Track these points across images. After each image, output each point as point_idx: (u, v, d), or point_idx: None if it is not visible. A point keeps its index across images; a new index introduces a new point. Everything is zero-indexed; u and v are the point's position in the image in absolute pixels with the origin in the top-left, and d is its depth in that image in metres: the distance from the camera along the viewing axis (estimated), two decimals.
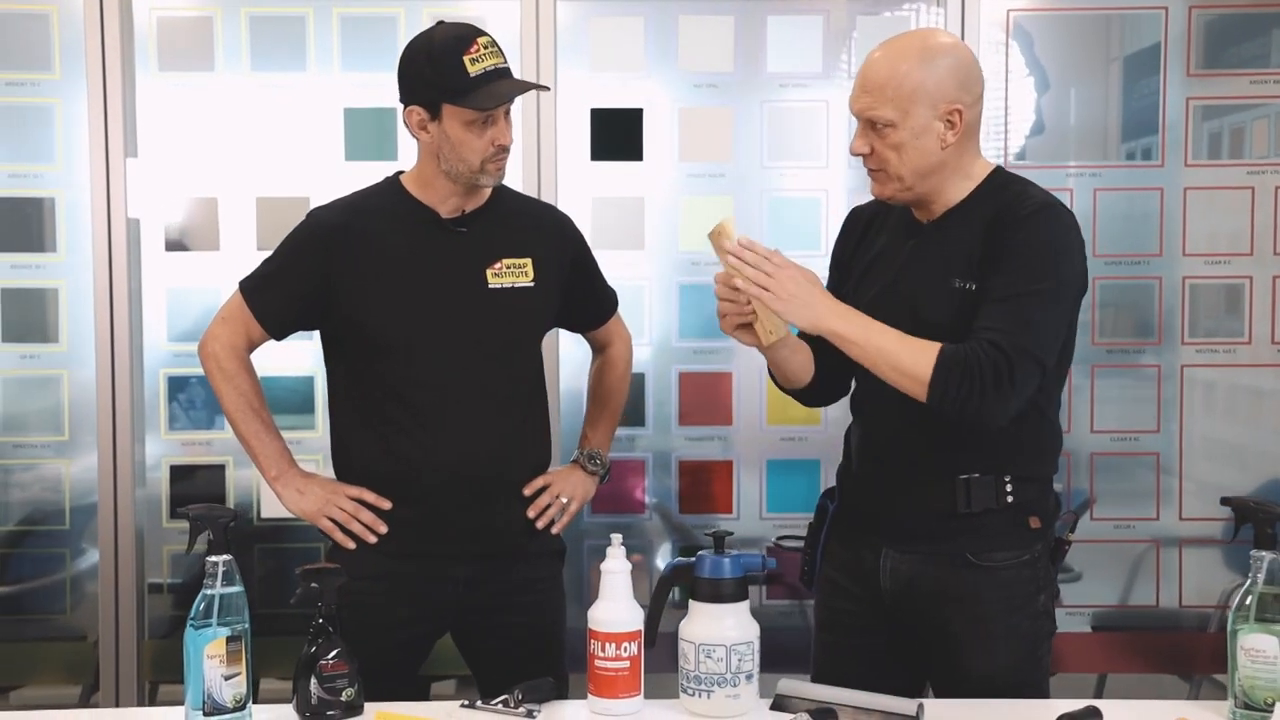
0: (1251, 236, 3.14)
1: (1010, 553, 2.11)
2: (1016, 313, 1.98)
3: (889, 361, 2.00)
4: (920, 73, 2.03)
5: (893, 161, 2.06)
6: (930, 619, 2.13)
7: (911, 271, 2.12)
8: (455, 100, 2.14)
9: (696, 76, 3.12)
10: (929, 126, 2.04)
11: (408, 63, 2.22)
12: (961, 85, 2.06)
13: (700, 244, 3.08)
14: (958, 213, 2.11)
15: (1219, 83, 3.13)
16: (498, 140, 2.18)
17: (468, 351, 2.23)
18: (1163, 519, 3.18)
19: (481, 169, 2.19)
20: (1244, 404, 3.22)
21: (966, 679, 2.11)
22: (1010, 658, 2.12)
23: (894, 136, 2.04)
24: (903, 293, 2.11)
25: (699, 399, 3.17)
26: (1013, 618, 2.12)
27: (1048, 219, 2.05)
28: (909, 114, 2.03)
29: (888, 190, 2.10)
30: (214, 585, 1.85)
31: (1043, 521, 2.14)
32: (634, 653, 1.92)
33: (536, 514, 2.29)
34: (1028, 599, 2.14)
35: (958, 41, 2.18)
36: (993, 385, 1.95)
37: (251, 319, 2.27)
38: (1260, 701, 1.87)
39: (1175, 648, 3.22)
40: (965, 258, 2.06)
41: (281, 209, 3.09)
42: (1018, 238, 2.02)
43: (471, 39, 2.16)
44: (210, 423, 3.14)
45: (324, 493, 2.25)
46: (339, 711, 1.90)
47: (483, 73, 2.14)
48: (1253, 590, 1.89)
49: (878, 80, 2.04)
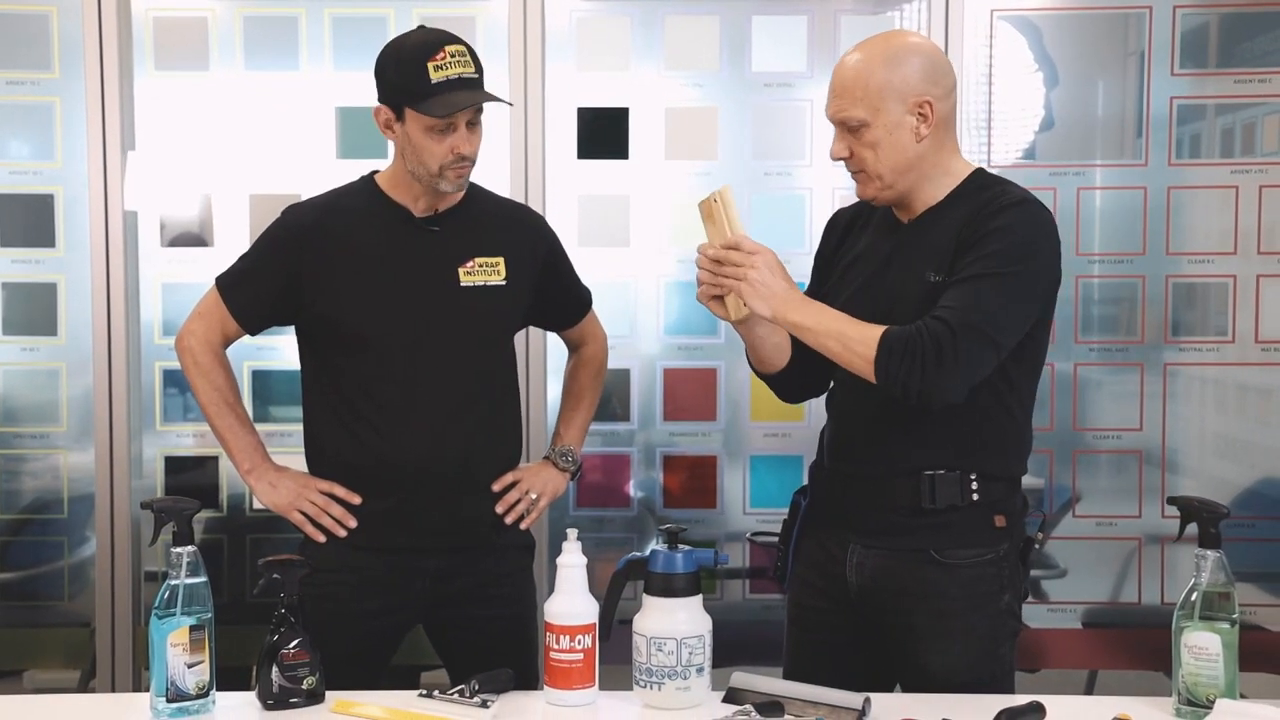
0: (1235, 235, 3.15)
1: (974, 550, 2.13)
2: (969, 293, 2.01)
3: (840, 343, 2.02)
4: (885, 71, 2.07)
5: (870, 160, 2.10)
6: (894, 615, 2.16)
7: (890, 269, 2.15)
8: (414, 105, 2.17)
9: (683, 75, 3.15)
10: (901, 121, 2.07)
11: (380, 63, 2.26)
12: (928, 78, 2.09)
13: (686, 241, 3.14)
14: (937, 211, 2.14)
15: (1204, 82, 3.14)
16: (457, 148, 2.20)
17: (439, 348, 2.27)
18: (1146, 516, 3.19)
19: (440, 174, 2.22)
20: (1228, 402, 3.22)
21: (927, 675, 2.13)
22: (970, 655, 2.14)
23: (869, 135, 2.08)
24: (880, 289, 2.14)
25: (684, 395, 3.20)
26: (973, 616, 2.14)
27: (1022, 213, 2.07)
28: (880, 110, 2.07)
29: (870, 190, 2.14)
30: (178, 575, 1.91)
31: (1008, 520, 2.16)
32: (588, 645, 1.96)
33: (505, 509, 2.33)
34: (990, 597, 2.15)
35: (924, 39, 2.22)
36: (934, 360, 1.96)
37: (226, 314, 2.32)
38: (1203, 698, 1.90)
39: (1160, 644, 3.18)
40: (939, 252, 2.09)
41: (274, 206, 3.06)
42: (988, 227, 2.05)
43: (440, 46, 2.18)
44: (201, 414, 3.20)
45: (295, 486, 2.30)
46: (300, 699, 1.96)
47: (444, 80, 2.16)
48: (1197, 588, 1.92)
49: (846, 83, 2.09)
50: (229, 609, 1.99)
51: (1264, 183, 3.13)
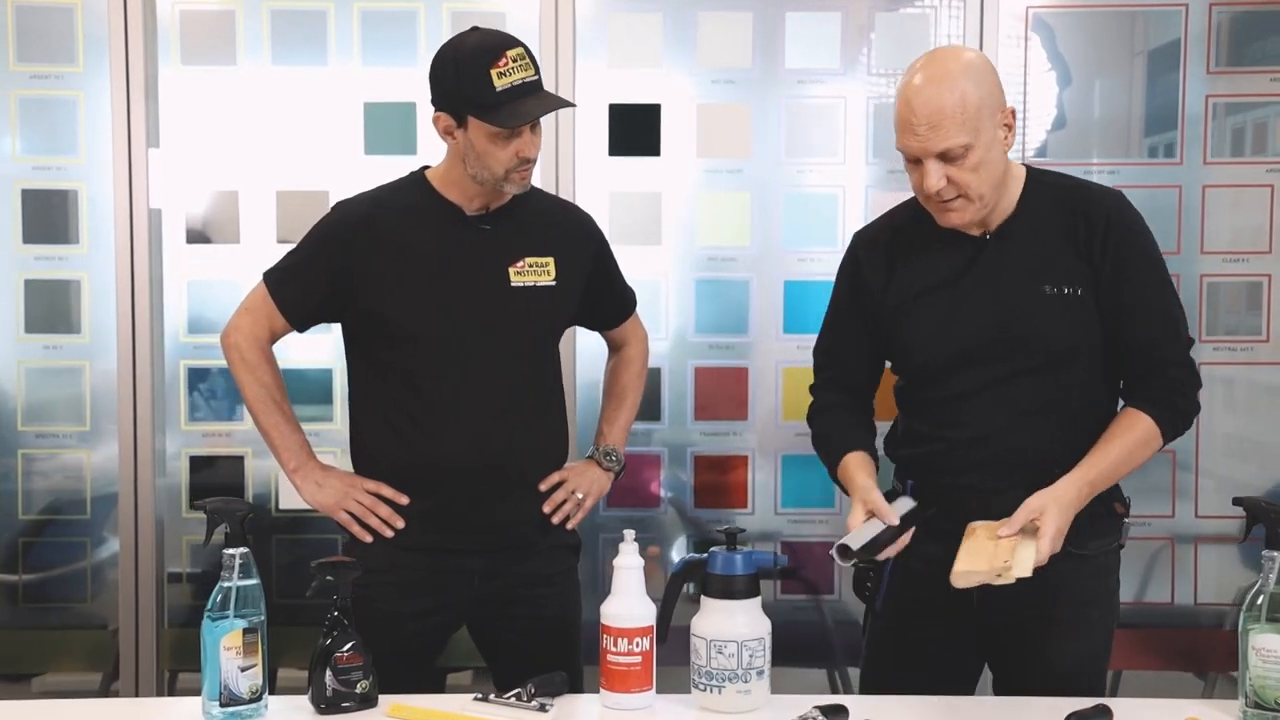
0: (1270, 234, 3.13)
1: (1103, 540, 2.17)
2: (1166, 319, 2.15)
3: (1131, 470, 2.14)
4: (977, 89, 2.02)
5: (974, 184, 2.04)
6: (1028, 612, 2.12)
7: (991, 284, 2.12)
8: (480, 114, 2.14)
9: (715, 72, 3.12)
10: (995, 136, 2.05)
11: (437, 69, 2.22)
12: (1002, 88, 2.09)
13: (717, 238, 3.13)
14: (1018, 220, 2.13)
15: (1239, 80, 3.12)
16: (522, 153, 2.17)
17: (488, 348, 2.25)
18: (1179, 516, 3.18)
19: (505, 178, 2.19)
20: (1261, 402, 3.20)
21: (1049, 667, 2.13)
22: (1097, 643, 2.20)
23: (972, 158, 2.02)
24: (987, 305, 2.12)
25: (715, 394, 3.17)
26: (1104, 605, 2.20)
27: (1127, 208, 2.15)
28: (980, 131, 2.02)
29: (967, 215, 2.08)
30: (231, 577, 1.88)
31: (1125, 508, 2.21)
32: (646, 648, 1.94)
33: (552, 509, 2.30)
34: (1114, 586, 2.23)
35: (976, 50, 2.18)
36: (1194, 400, 2.18)
37: (275, 310, 2.29)
38: (1271, 701, 1.88)
39: (1190, 645, 3.22)
40: (1047, 263, 2.10)
41: (301, 202, 3.12)
42: (1120, 237, 2.10)
43: (501, 51, 2.14)
44: (230, 414, 3.17)
45: (342, 486, 2.27)
46: (354, 703, 1.93)
47: (509, 87, 2.13)
48: (1264, 590, 1.89)
49: (946, 110, 2.00)
50: None
51: None
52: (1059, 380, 2.12)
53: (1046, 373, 2.11)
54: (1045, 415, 2.11)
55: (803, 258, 3.14)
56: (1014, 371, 2.11)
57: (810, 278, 3.13)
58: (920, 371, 2.21)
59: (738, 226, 3.13)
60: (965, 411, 2.14)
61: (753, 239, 3.14)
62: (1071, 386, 2.13)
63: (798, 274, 3.14)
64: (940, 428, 2.18)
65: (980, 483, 2.12)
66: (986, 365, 2.12)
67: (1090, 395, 2.16)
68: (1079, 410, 2.13)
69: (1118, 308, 2.10)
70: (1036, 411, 2.11)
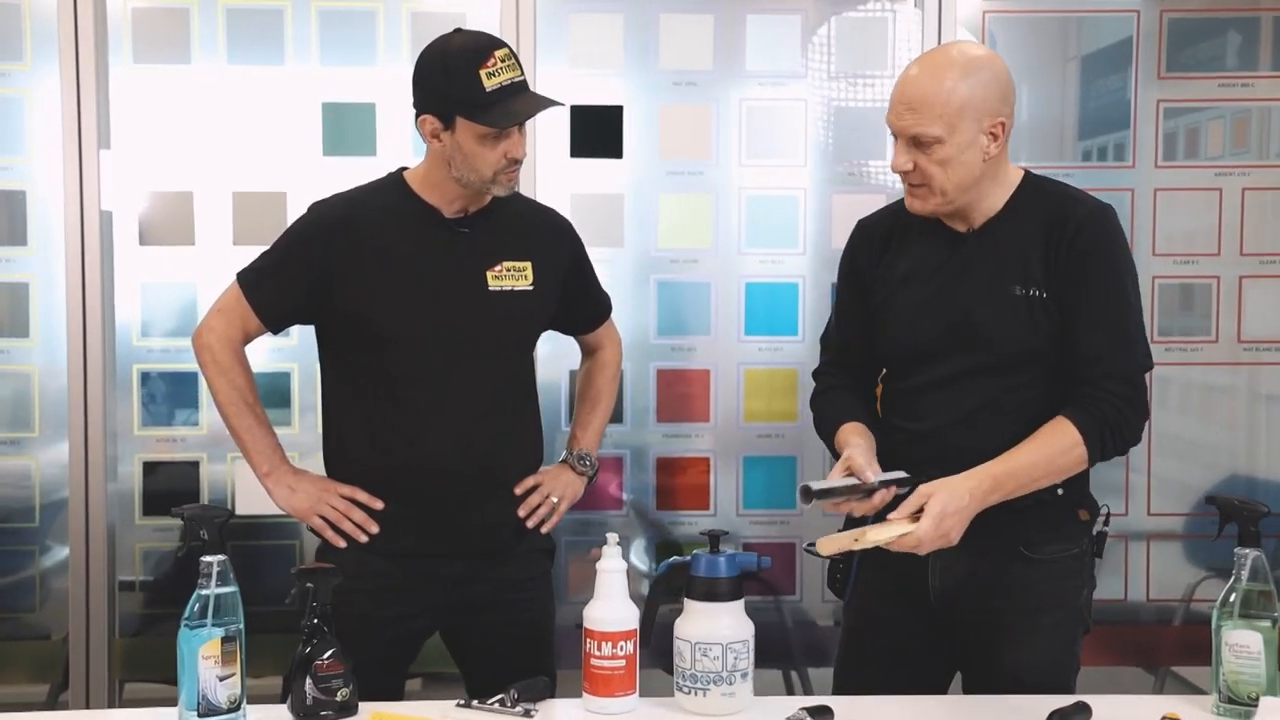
0: (1219, 237, 3.20)
1: (1061, 545, 2.15)
2: (1117, 333, 2.09)
3: (1049, 476, 2.07)
4: (966, 88, 2.02)
5: (938, 177, 2.05)
6: (981, 614, 2.14)
7: (962, 280, 2.13)
8: (469, 115, 2.12)
9: (676, 74, 3.12)
10: (974, 141, 2.05)
11: (423, 71, 2.19)
12: (1002, 97, 2.07)
13: (680, 241, 3.13)
14: (1002, 220, 2.13)
15: (1188, 85, 3.18)
16: (510, 154, 2.16)
17: (465, 352, 2.23)
18: (1132, 514, 3.23)
19: (493, 180, 2.18)
20: (1209, 402, 3.27)
21: (1009, 673, 2.13)
22: (1052, 651, 2.17)
23: (941, 152, 2.03)
24: (954, 300, 2.13)
25: (676, 396, 3.18)
26: (1059, 612, 2.16)
27: (1108, 222, 2.12)
28: (956, 129, 2.02)
29: (929, 205, 2.10)
30: (208, 585, 1.84)
31: (1090, 514, 2.20)
32: (630, 651, 1.93)
33: (527, 513, 2.29)
34: (1073, 593, 2.18)
35: (993, 53, 2.17)
36: (1130, 419, 2.09)
37: (249, 311, 2.25)
38: (1244, 696, 1.92)
39: (1140, 641, 3.28)
40: (1021, 264, 2.10)
41: (258, 204, 3.08)
42: (1087, 245, 2.07)
43: (489, 51, 2.13)
44: (184, 419, 3.11)
45: (316, 490, 2.24)
46: (333, 711, 1.90)
47: (499, 87, 2.12)
48: (1237, 587, 1.93)
49: (926, 97, 2.02)
50: None
51: (1246, 185, 3.19)
52: (1016, 380, 2.11)
53: (1004, 372, 2.11)
54: (999, 414, 2.11)
55: (764, 259, 3.15)
56: (971, 368, 2.12)
57: (771, 279, 3.15)
58: (890, 362, 2.24)
59: (699, 228, 3.14)
60: (922, 405, 2.16)
61: (714, 241, 3.14)
62: (1028, 388, 2.12)
63: (759, 276, 3.15)
64: (902, 419, 2.20)
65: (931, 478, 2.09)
66: (945, 360, 2.13)
67: (1048, 399, 2.12)
68: (1035, 413, 2.11)
69: (1067, 314, 2.09)
70: (990, 410, 2.11)
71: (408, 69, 2.99)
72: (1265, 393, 3.25)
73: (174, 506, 3.00)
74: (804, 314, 3.15)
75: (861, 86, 3.14)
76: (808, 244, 3.14)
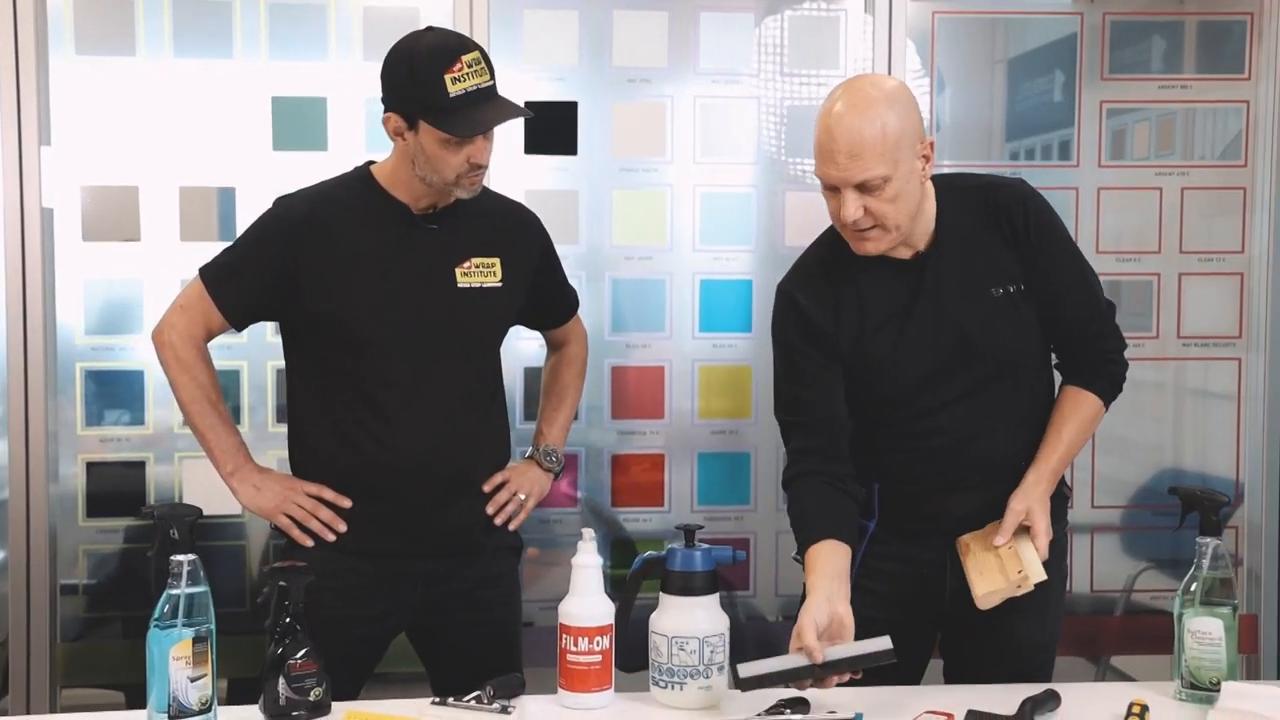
0: (1159, 235, 3.27)
1: (1058, 525, 2.21)
2: (1087, 289, 2.22)
3: (1084, 440, 2.23)
4: (896, 119, 2.01)
5: (891, 215, 2.04)
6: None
7: (942, 301, 2.14)
8: (432, 121, 2.10)
9: (630, 71, 3.12)
10: (913, 168, 2.05)
11: (389, 69, 2.17)
12: (920, 119, 2.09)
13: (633, 238, 3.13)
14: (944, 233, 2.14)
15: (1130, 86, 3.25)
16: (474, 158, 2.14)
17: (434, 349, 2.21)
18: (1077, 507, 3.28)
19: (456, 183, 2.16)
20: (1146, 397, 3.34)
21: (1015, 651, 2.18)
22: (1056, 625, 2.29)
23: (890, 190, 2.02)
24: (944, 324, 2.13)
25: (631, 393, 3.17)
26: (1060, 587, 2.28)
27: (1034, 193, 2.20)
28: (899, 163, 2.02)
29: (883, 245, 2.08)
30: (179, 585, 1.81)
31: (1070, 490, 2.29)
32: (605, 646, 1.93)
33: (495, 510, 2.27)
34: (1063, 568, 2.30)
35: (897, 79, 2.20)
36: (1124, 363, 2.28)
37: (212, 308, 2.21)
38: (1206, 681, 1.96)
39: (1081, 631, 3.34)
40: (989, 265, 2.13)
41: (207, 199, 3.03)
42: (1038, 221, 2.16)
43: (456, 55, 2.10)
44: (129, 418, 3.05)
45: (281, 489, 2.21)
46: (306, 711, 1.88)
47: (464, 93, 2.09)
48: (1198, 575, 1.98)
49: (867, 141, 1.99)
50: None
51: (1185, 184, 3.26)
52: (1018, 381, 2.17)
53: (1006, 376, 2.16)
54: (1009, 416, 2.17)
55: (717, 256, 3.16)
56: (977, 381, 2.15)
57: (725, 276, 3.16)
58: (886, 398, 2.20)
59: (653, 225, 3.14)
60: (934, 423, 2.16)
61: (668, 238, 3.15)
62: (1029, 383, 2.20)
63: (712, 273, 3.16)
64: (908, 439, 2.19)
65: (950, 486, 2.15)
66: (950, 380, 2.15)
67: (1044, 387, 2.24)
68: (1038, 405, 2.20)
69: (1051, 295, 2.16)
70: (1002, 414, 2.16)
71: (360, 63, 3.03)
72: (1204, 388, 3.33)
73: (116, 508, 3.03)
74: (757, 311, 3.16)
75: (814, 85, 3.16)
76: (760, 241, 3.16)
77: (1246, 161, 3.27)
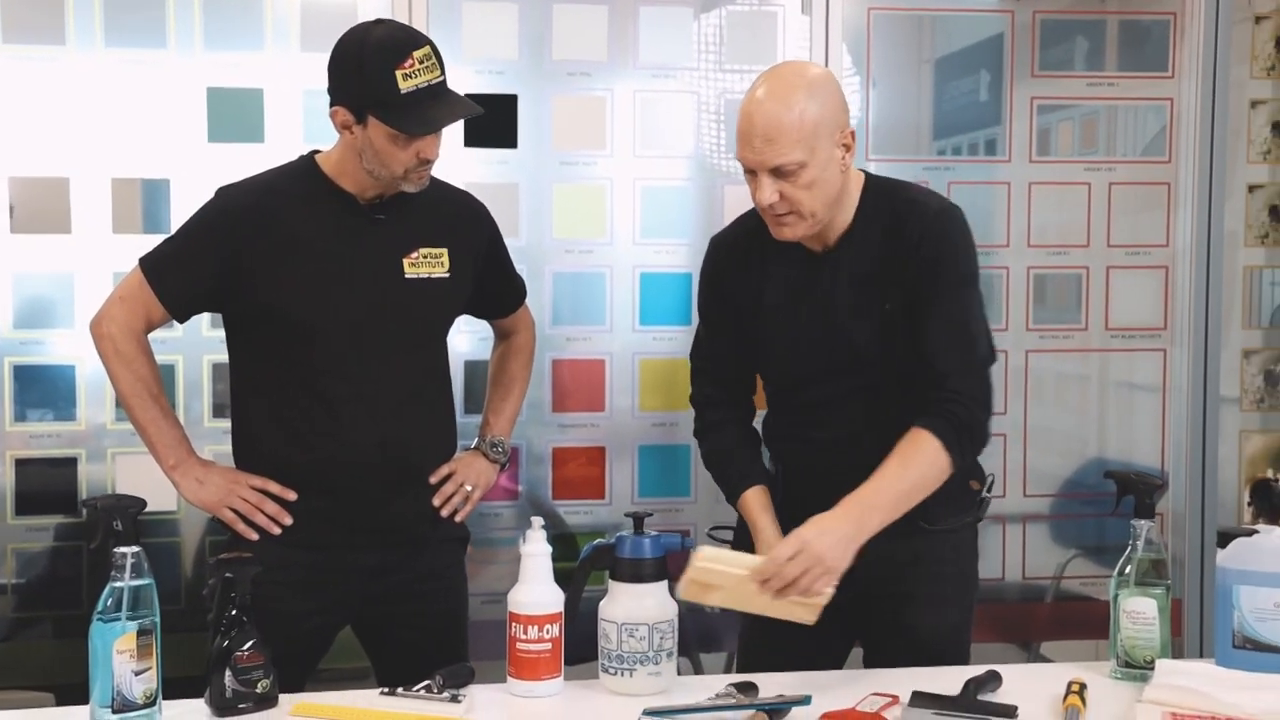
0: (1088, 229, 3.34)
1: (958, 516, 2.23)
2: (962, 336, 2.10)
3: (921, 494, 2.06)
4: (815, 106, 2.01)
5: (806, 202, 2.04)
6: (890, 584, 2.18)
7: (833, 305, 2.14)
8: (382, 117, 2.07)
9: (570, 65, 3.13)
10: (831, 156, 2.05)
11: (337, 63, 2.13)
12: (843, 107, 2.09)
13: (574, 231, 3.14)
14: (853, 234, 2.14)
15: (1060, 83, 3.31)
16: (423, 154, 2.12)
17: (382, 342, 2.19)
18: (1009, 496, 3.35)
19: (404, 177, 2.14)
20: (1079, 388, 3.41)
21: (917, 641, 2.19)
22: (958, 617, 2.26)
23: (806, 176, 2.02)
24: (833, 327, 2.14)
25: (572, 386, 3.18)
26: (961, 580, 2.26)
27: (953, 225, 2.13)
28: (816, 150, 2.01)
29: (799, 231, 2.08)
30: (122, 577, 1.78)
31: (981, 484, 2.27)
32: (555, 634, 1.93)
33: (442, 501, 2.27)
34: (971, 560, 2.28)
35: (824, 68, 2.19)
36: (984, 421, 2.11)
37: (153, 299, 2.18)
38: (1141, 660, 2.01)
39: (1011, 618, 3.40)
40: (883, 279, 2.11)
41: (139, 191, 2.99)
42: (929, 252, 2.08)
43: (407, 51, 2.06)
44: (61, 414, 2.99)
45: (225, 482, 2.18)
46: (253, 704, 1.86)
47: (414, 90, 2.06)
48: (1133, 557, 2.03)
49: (782, 126, 2.00)
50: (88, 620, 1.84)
51: (1113, 180, 3.34)
52: (906, 391, 2.13)
53: (893, 385, 2.15)
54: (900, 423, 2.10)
55: (658, 249, 3.18)
56: (865, 385, 2.16)
57: (665, 269, 3.18)
58: (776, 382, 2.27)
59: (593, 218, 3.15)
60: (821, 417, 2.20)
61: (608, 231, 3.16)
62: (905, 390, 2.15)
63: (653, 266, 3.18)
64: (799, 428, 2.24)
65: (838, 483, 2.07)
66: (837, 380, 2.17)
67: None
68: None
69: (915, 319, 2.11)
70: (889, 422, 2.11)
71: (297, 54, 3.01)
72: (1130, 380, 3.41)
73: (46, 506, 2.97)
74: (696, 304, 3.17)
75: (752, 79, 3.16)
76: (698, 235, 3.18)
77: (1170, 158, 3.34)
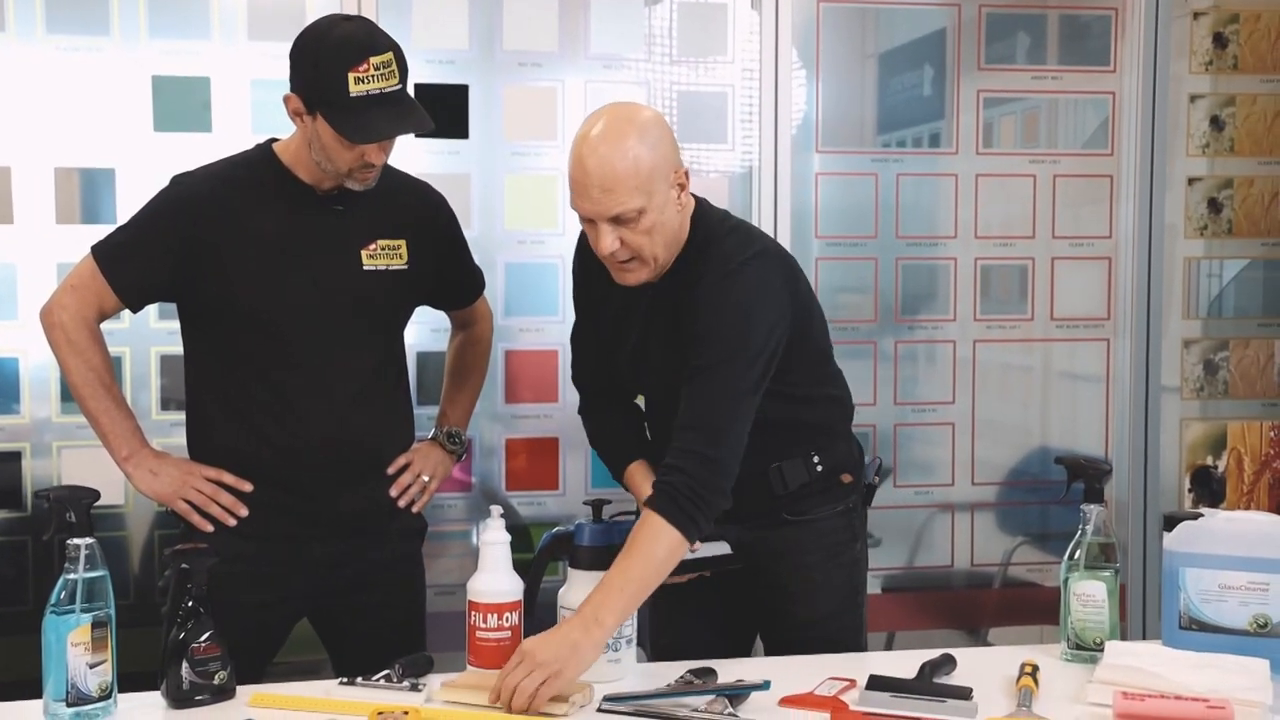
0: (1033, 221, 3.39)
1: (826, 506, 2.24)
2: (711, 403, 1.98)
3: (663, 572, 1.96)
4: (648, 150, 1.97)
5: (647, 247, 2.01)
6: (761, 575, 2.23)
7: (656, 342, 2.13)
8: (328, 115, 2.05)
9: (521, 55, 3.12)
10: (668, 198, 2.01)
11: (297, 51, 2.10)
12: (674, 146, 2.06)
13: (526, 222, 3.14)
14: (677, 272, 2.09)
15: (1006, 76, 3.36)
16: (367, 157, 2.09)
17: (339, 333, 2.18)
18: (957, 485, 3.39)
19: (348, 175, 2.12)
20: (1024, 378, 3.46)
21: (797, 630, 2.22)
22: (832, 605, 2.26)
23: (645, 221, 1.99)
24: (659, 369, 2.13)
25: (525, 377, 3.18)
26: (830, 567, 2.25)
27: (733, 276, 2.03)
28: (653, 194, 1.98)
29: (642, 276, 2.05)
30: (76, 569, 1.76)
31: (854, 475, 2.28)
32: (515, 622, 1.94)
33: (399, 492, 2.26)
34: (843, 548, 2.27)
35: (650, 108, 2.19)
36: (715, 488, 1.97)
37: (106, 288, 2.15)
38: (1090, 641, 2.05)
39: (961, 605, 3.45)
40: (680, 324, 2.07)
41: (83, 180, 2.95)
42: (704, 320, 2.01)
43: (364, 55, 2.03)
44: (4, 408, 2.94)
45: (179, 473, 2.16)
46: (210, 695, 1.85)
47: (364, 95, 2.02)
48: (1082, 541, 2.06)
49: (614, 174, 1.95)
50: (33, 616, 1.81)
51: (1058, 172, 3.39)
52: None
53: None
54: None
55: None
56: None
57: None
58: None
59: (545, 209, 3.15)
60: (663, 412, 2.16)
61: (560, 222, 3.16)
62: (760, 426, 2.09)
63: None
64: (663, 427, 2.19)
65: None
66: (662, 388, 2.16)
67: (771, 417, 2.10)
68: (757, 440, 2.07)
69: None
70: None
71: (245, 43, 2.98)
72: (1073, 370, 3.46)
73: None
74: None
75: (702, 71, 3.20)
76: None
77: (1113, 150, 3.40)
